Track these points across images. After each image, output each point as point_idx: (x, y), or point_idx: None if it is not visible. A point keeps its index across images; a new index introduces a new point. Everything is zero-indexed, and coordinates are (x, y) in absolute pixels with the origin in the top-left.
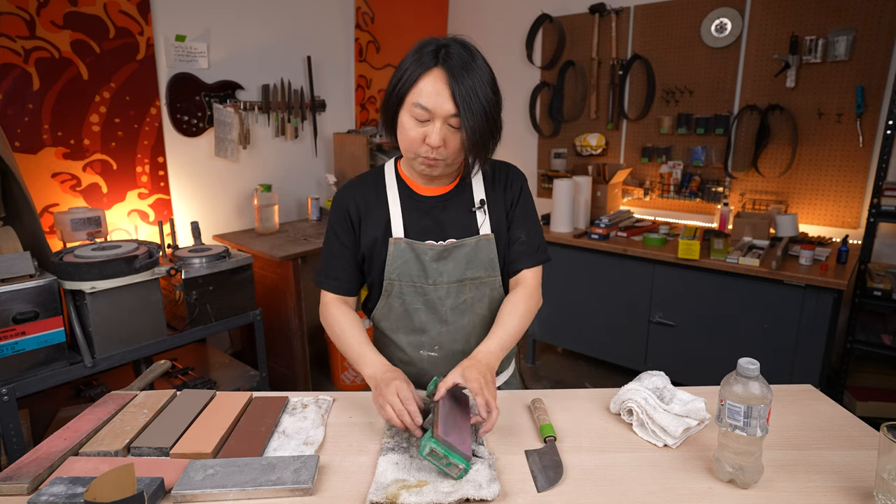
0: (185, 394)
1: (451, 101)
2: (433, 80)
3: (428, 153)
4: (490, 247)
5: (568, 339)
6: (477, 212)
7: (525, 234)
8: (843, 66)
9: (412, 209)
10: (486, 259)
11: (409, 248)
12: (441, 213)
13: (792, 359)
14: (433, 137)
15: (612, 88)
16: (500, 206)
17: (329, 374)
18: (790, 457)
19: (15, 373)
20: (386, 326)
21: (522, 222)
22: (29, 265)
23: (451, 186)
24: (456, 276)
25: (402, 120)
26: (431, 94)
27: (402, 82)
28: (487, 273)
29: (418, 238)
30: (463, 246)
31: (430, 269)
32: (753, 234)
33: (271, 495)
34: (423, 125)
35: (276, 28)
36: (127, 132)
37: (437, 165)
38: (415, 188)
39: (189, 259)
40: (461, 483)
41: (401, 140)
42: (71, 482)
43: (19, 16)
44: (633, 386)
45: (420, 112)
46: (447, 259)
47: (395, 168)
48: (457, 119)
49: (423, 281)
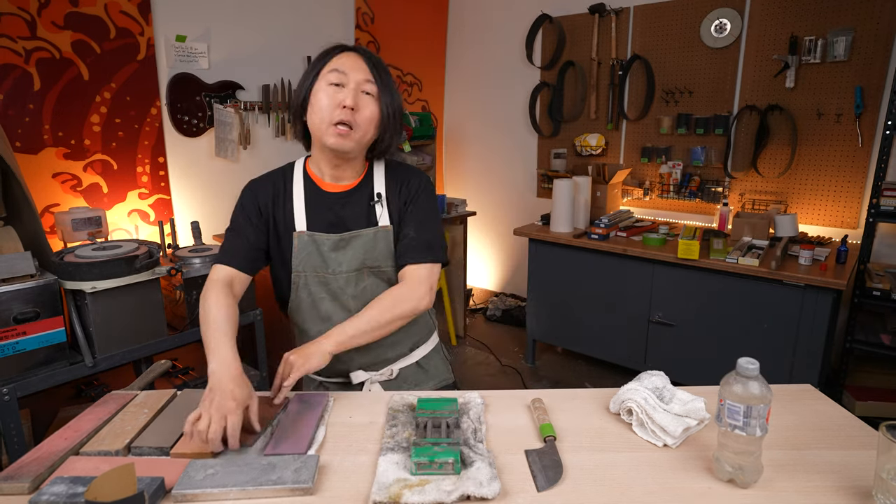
0: (185, 394)
1: (367, 70)
2: (348, 55)
3: (342, 116)
4: (388, 238)
5: (568, 339)
6: (375, 205)
7: (414, 231)
8: (843, 66)
9: (316, 204)
10: (385, 250)
11: (310, 240)
12: (342, 209)
13: (791, 359)
14: (348, 98)
15: (611, 88)
16: (396, 203)
17: None
18: (790, 456)
19: (16, 373)
20: (298, 319)
21: (413, 221)
22: (30, 265)
23: (354, 184)
24: (354, 265)
25: (315, 93)
26: (346, 63)
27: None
28: (386, 263)
29: (321, 231)
30: (360, 236)
31: (330, 259)
32: (753, 234)
33: (271, 495)
34: (338, 91)
35: (276, 28)
36: (127, 132)
37: (349, 137)
38: (320, 185)
39: (189, 259)
40: (462, 481)
41: (314, 116)
42: (72, 482)
43: (20, 16)
44: (632, 386)
45: (336, 75)
46: (345, 249)
47: (304, 166)
48: (371, 85)
49: (325, 270)
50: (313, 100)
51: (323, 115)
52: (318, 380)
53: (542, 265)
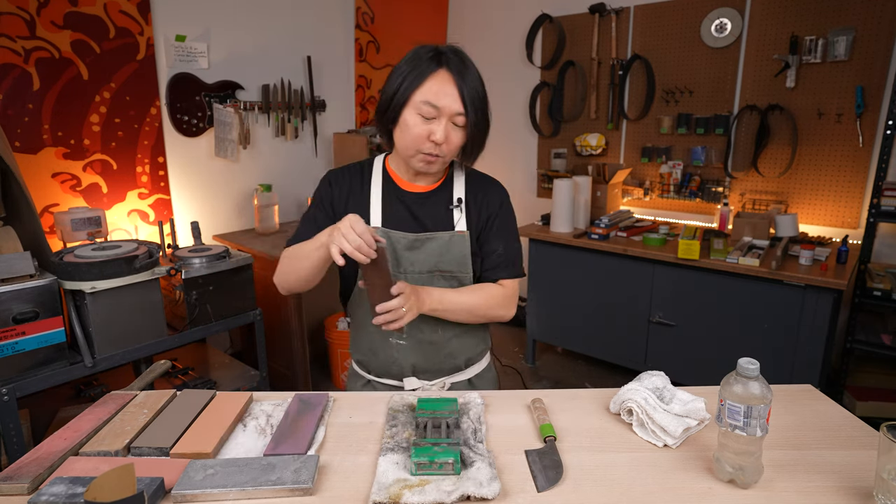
0: (185, 394)
1: (459, 100)
2: (440, 80)
3: (431, 150)
4: (464, 244)
5: (568, 339)
6: (454, 209)
7: (503, 248)
8: (843, 66)
9: (393, 202)
10: (458, 255)
11: (385, 236)
12: (419, 209)
13: (792, 359)
14: (438, 134)
15: (612, 88)
16: (475, 213)
17: (329, 374)
18: (790, 457)
19: (15, 373)
20: (359, 313)
21: (500, 236)
22: (29, 265)
23: (435, 186)
24: (427, 267)
25: (405, 118)
26: (440, 94)
27: (406, 83)
28: (460, 269)
29: (396, 229)
30: (435, 239)
31: (403, 258)
32: (753, 234)
33: (271, 495)
34: (428, 123)
35: (276, 28)
36: (127, 132)
37: (436, 162)
38: (399, 183)
39: (189, 259)
40: (462, 481)
41: (402, 138)
42: (71, 482)
43: (19, 16)
44: (632, 386)
45: (428, 109)
46: (419, 249)
47: (384, 163)
48: (461, 118)
49: (396, 269)
50: (402, 120)
51: (412, 141)
52: (367, 377)
53: (542, 265)
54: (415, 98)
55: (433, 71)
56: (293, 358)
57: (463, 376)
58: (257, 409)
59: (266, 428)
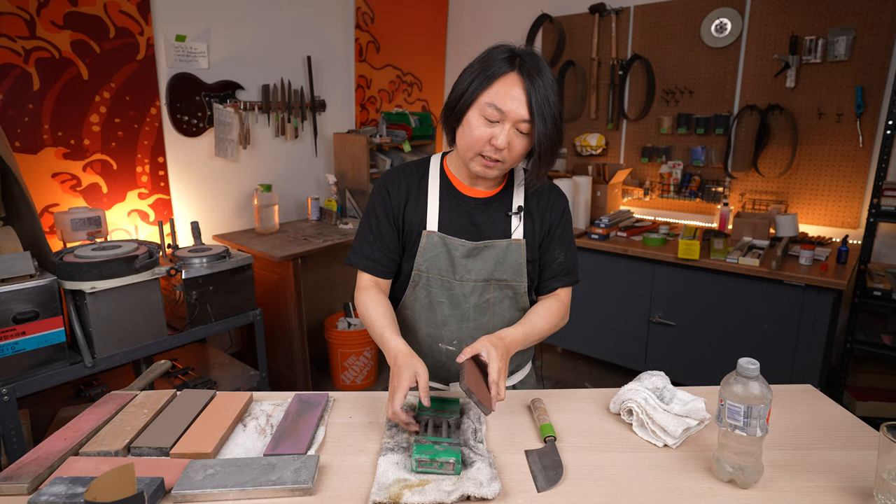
0: (185, 394)
1: (525, 106)
2: (509, 83)
3: (491, 153)
4: (519, 252)
5: (568, 339)
6: (513, 217)
7: (563, 256)
8: (843, 66)
9: (451, 206)
10: (514, 263)
11: (441, 242)
12: (479, 215)
13: (792, 359)
14: (500, 139)
15: (612, 88)
16: (538, 220)
17: (329, 374)
18: (790, 457)
19: (15, 373)
20: (409, 315)
21: (561, 243)
22: (29, 265)
23: (495, 191)
24: (483, 276)
25: (469, 119)
26: (507, 97)
27: (475, 82)
28: (514, 277)
29: (454, 235)
30: (493, 247)
31: (459, 266)
32: (753, 234)
33: (271, 495)
34: (491, 126)
35: (276, 28)
36: (127, 132)
37: (495, 168)
38: (458, 187)
39: (189, 259)
40: (462, 481)
41: (464, 138)
42: (71, 482)
43: (19, 16)
44: (632, 386)
45: (492, 112)
46: (476, 257)
47: (441, 164)
48: (526, 125)
49: (451, 276)
50: (466, 120)
51: (472, 144)
52: None
53: None
54: (481, 99)
55: (503, 73)
56: (293, 358)
57: (510, 382)
58: (257, 409)
59: (266, 428)
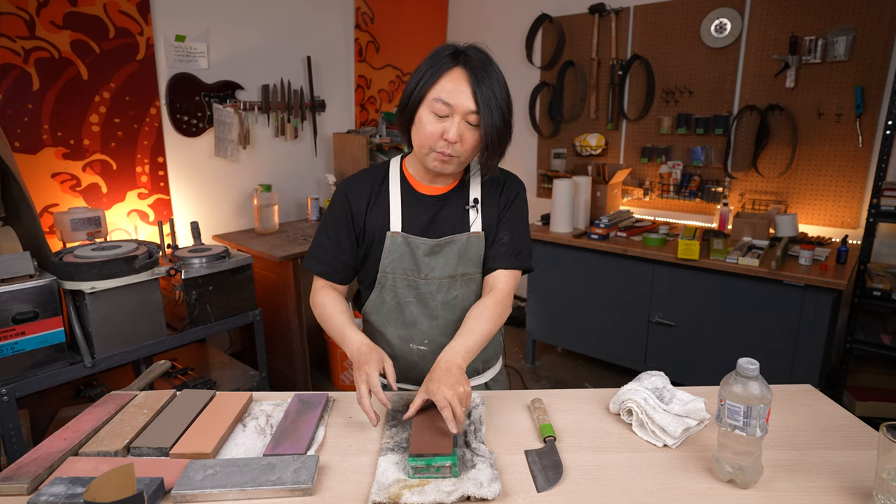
0: (184, 394)
1: (471, 98)
2: (454, 78)
3: (444, 148)
4: (480, 244)
5: (568, 339)
6: (470, 210)
7: (508, 237)
8: (843, 66)
9: (411, 206)
10: (475, 256)
11: (404, 242)
12: (438, 212)
13: (792, 359)
14: (451, 132)
15: (611, 88)
16: (493, 209)
17: (329, 374)
18: (790, 457)
19: (15, 373)
20: (376, 320)
21: (508, 226)
22: (29, 265)
23: (451, 187)
24: (447, 272)
25: (420, 116)
26: (453, 91)
27: (422, 81)
28: (476, 270)
29: (415, 234)
30: (454, 242)
31: (423, 264)
32: (753, 234)
33: (271, 495)
34: (441, 121)
35: (276, 28)
36: (127, 132)
37: (451, 162)
38: (416, 186)
39: (189, 259)
40: (463, 481)
41: (417, 136)
42: (71, 482)
43: (19, 16)
44: (632, 386)
45: (441, 107)
46: (439, 254)
47: (400, 166)
48: (475, 116)
49: (416, 275)
50: (417, 119)
51: (426, 140)
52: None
53: (542, 265)
54: (429, 96)
55: (448, 69)
56: (293, 358)
57: (481, 380)
58: (257, 410)
59: (266, 428)
